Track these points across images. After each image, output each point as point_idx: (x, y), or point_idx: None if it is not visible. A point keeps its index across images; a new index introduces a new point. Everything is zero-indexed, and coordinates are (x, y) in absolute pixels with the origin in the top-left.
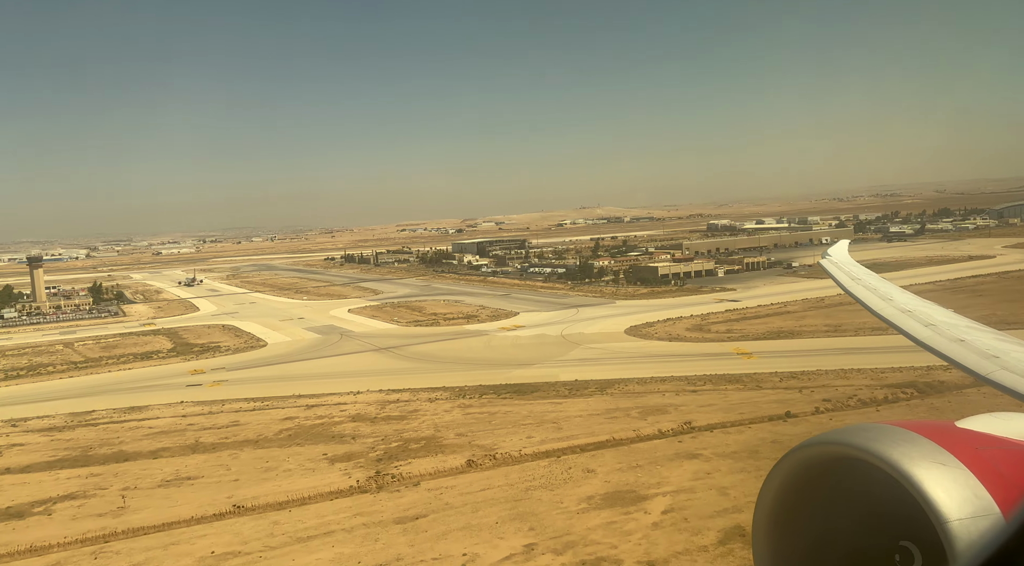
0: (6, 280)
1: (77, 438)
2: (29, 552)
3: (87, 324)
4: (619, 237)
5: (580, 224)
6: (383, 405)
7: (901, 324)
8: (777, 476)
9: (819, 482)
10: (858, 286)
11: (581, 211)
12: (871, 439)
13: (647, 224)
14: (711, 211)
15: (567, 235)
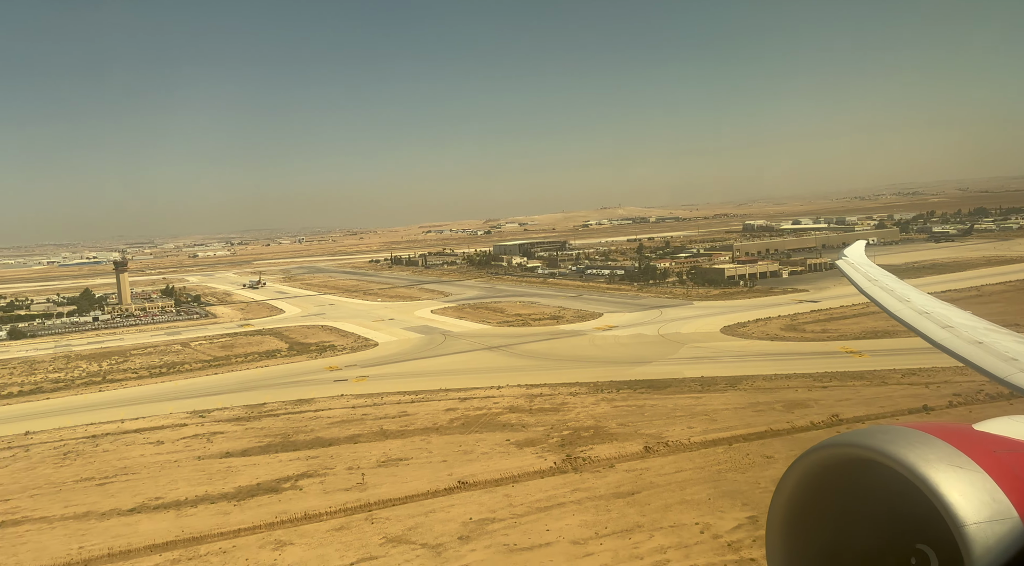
0: (61, 284)
1: (268, 427)
2: (307, 519)
3: (183, 325)
4: (655, 238)
5: (605, 225)
6: (530, 398)
7: (918, 326)
8: (792, 478)
9: (834, 484)
10: (875, 287)
11: (603, 211)
12: (887, 441)
13: (673, 224)
14: (731, 210)
15: (596, 236)
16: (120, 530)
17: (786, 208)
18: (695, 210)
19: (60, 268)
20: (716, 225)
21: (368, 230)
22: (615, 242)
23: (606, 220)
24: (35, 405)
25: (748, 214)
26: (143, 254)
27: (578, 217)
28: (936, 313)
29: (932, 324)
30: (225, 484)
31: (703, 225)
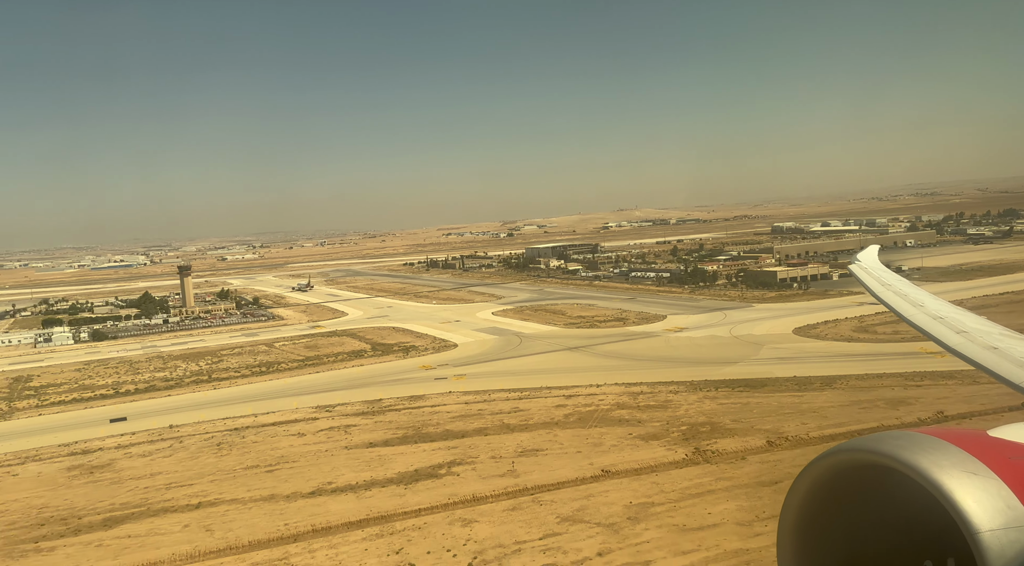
0: (105, 287)
1: (395, 420)
2: (477, 500)
3: (254, 327)
4: (684, 240)
5: (626, 227)
6: (633, 396)
7: (932, 331)
8: (804, 483)
9: (847, 490)
10: (888, 292)
11: (620, 213)
12: (900, 447)
13: (695, 226)
14: (746, 211)
15: (620, 238)
16: (312, 510)
17: (804, 209)
18: (711, 212)
19: (94, 271)
20: (739, 227)
21: (386, 233)
22: (644, 244)
23: (625, 222)
24: (161, 401)
25: (768, 215)
26: (169, 257)
27: (596, 219)
28: (950, 318)
29: (946, 329)
30: (385, 471)
31: (725, 227)
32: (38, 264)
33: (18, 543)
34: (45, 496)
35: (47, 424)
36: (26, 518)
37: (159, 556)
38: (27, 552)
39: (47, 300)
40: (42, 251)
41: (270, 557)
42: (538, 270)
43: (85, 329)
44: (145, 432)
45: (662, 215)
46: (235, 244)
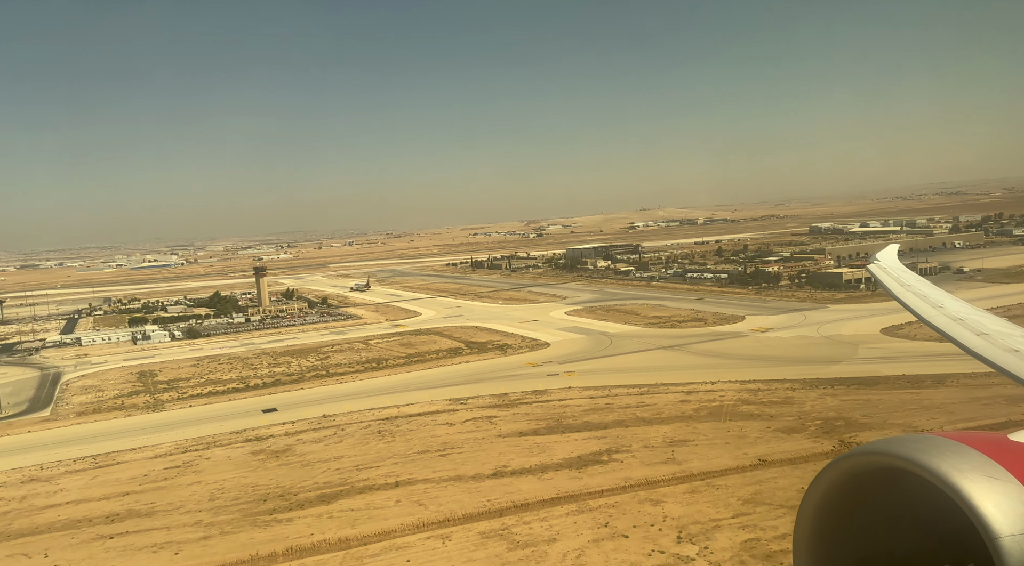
0: (155, 287)
1: (530, 412)
2: (651, 484)
3: (337, 326)
4: (723, 240)
5: (653, 227)
6: (753, 392)
7: (952, 332)
8: (821, 486)
9: (864, 493)
10: (907, 293)
11: (643, 213)
12: (919, 450)
13: (723, 226)
14: (769, 211)
15: (649, 238)
16: (504, 489)
17: (830, 209)
18: (734, 211)
19: (134, 271)
20: (771, 227)
21: (411, 232)
22: (681, 244)
23: (652, 222)
24: (298, 394)
25: (795, 215)
26: (201, 256)
27: (619, 219)
28: (971, 320)
29: (967, 331)
30: (548, 457)
31: (756, 227)
32: (72, 263)
33: (253, 515)
34: (249, 476)
35: (203, 414)
36: (246, 494)
37: (389, 526)
38: (268, 522)
39: (109, 299)
40: (67, 250)
41: (490, 527)
42: (586, 270)
43: (174, 327)
44: (304, 421)
45: (686, 215)
46: (258, 244)
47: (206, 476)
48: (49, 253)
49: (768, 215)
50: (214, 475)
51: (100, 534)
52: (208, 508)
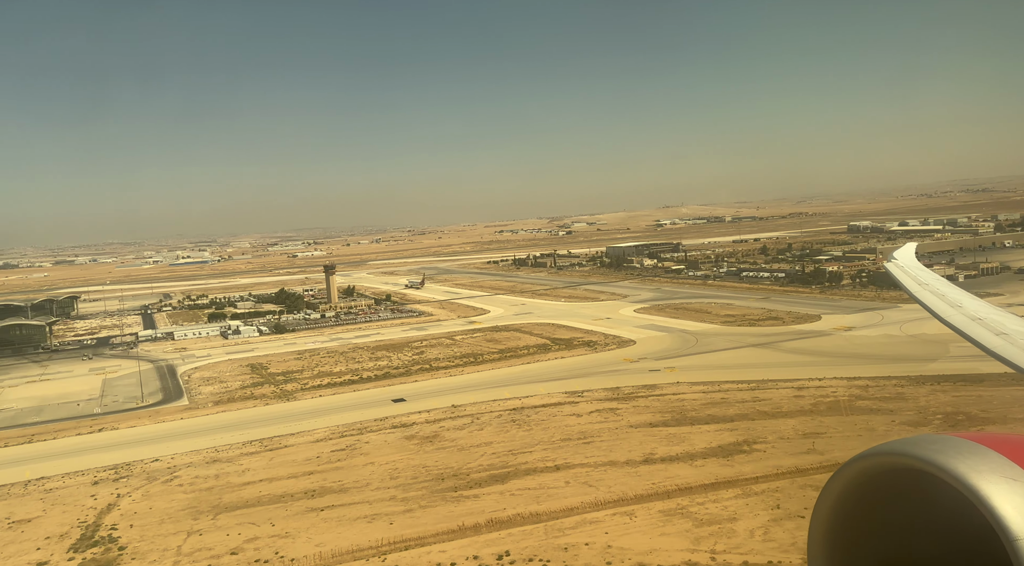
0: (206, 284)
1: (650, 405)
2: (800, 472)
3: (414, 322)
4: (763, 239)
5: (679, 224)
6: (863, 388)
7: (970, 332)
8: (835, 487)
9: (880, 494)
10: (925, 291)
11: (665, 210)
12: (937, 451)
13: (752, 224)
14: (791, 208)
15: (677, 236)
16: (663, 474)
17: (857, 207)
18: (758, 208)
19: (174, 267)
20: (802, 224)
21: (434, 229)
22: (719, 243)
23: (678, 220)
24: (416, 386)
25: (824, 212)
26: (238, 254)
27: (642, 216)
28: (990, 319)
29: (985, 330)
30: (689, 446)
31: (786, 225)
32: (106, 259)
33: (439, 492)
34: (414, 458)
35: (337, 403)
36: (421, 474)
37: (570, 503)
38: (457, 499)
39: (168, 295)
40: (91, 246)
41: (667, 507)
42: (633, 269)
43: (255, 322)
44: (436, 411)
45: (710, 212)
46: (281, 240)
47: (375, 458)
48: (74, 249)
49: (794, 212)
50: (381, 457)
51: (309, 507)
52: (393, 486)
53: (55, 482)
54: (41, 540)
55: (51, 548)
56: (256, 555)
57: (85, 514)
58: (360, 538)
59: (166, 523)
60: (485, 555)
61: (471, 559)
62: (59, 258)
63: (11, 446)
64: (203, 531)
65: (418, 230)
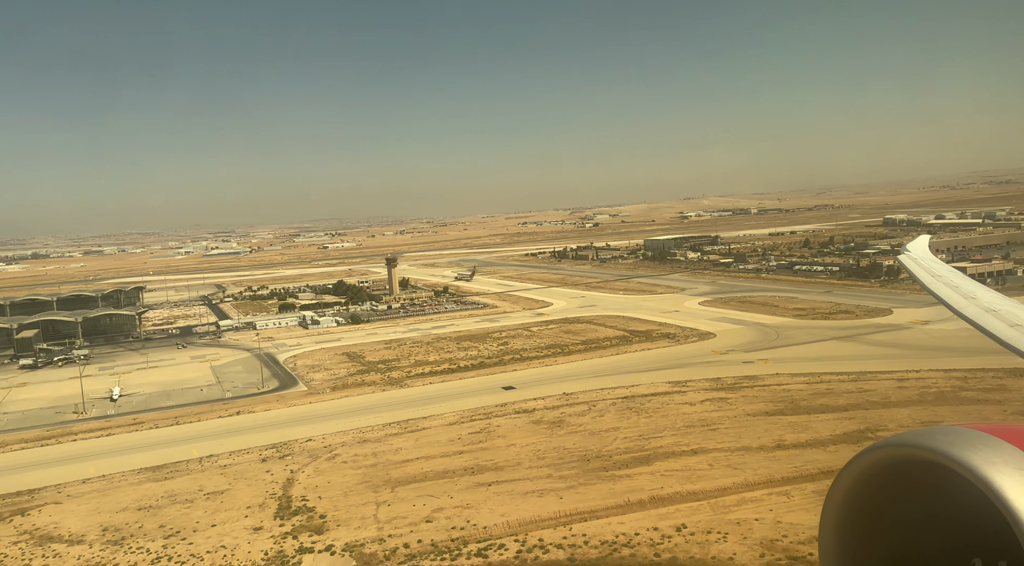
0: (251, 275)
1: (759, 394)
2: None
3: (481, 314)
4: (799, 232)
5: (704, 217)
6: (963, 380)
7: (984, 323)
8: (847, 478)
9: (892, 486)
10: (939, 283)
11: (687, 202)
12: (950, 443)
13: (778, 217)
14: (811, 200)
15: (711, 229)
16: (801, 458)
17: (882, 199)
18: (779, 200)
19: (209, 258)
20: (832, 217)
21: (454, 221)
22: (754, 235)
23: (702, 212)
24: (517, 375)
25: (851, 204)
26: (265, 245)
27: (663, 208)
28: (1004, 311)
29: (999, 322)
30: (814, 433)
31: (814, 217)
32: (134, 250)
33: (591, 471)
34: (551, 441)
35: (448, 390)
36: (566, 456)
37: (723, 483)
38: (611, 478)
39: (221, 286)
40: (111, 236)
41: (820, 487)
42: (677, 262)
43: (328, 312)
44: (550, 398)
45: (733, 204)
46: (300, 231)
47: (513, 440)
48: (96, 239)
49: (819, 205)
50: (519, 439)
51: (476, 482)
52: (543, 465)
53: (225, 459)
54: (243, 509)
55: (258, 516)
56: (449, 523)
57: (269, 487)
58: (537, 510)
59: (350, 495)
60: (664, 527)
61: (652, 530)
62: (86, 248)
63: (162, 427)
64: (389, 502)
65: (438, 221)
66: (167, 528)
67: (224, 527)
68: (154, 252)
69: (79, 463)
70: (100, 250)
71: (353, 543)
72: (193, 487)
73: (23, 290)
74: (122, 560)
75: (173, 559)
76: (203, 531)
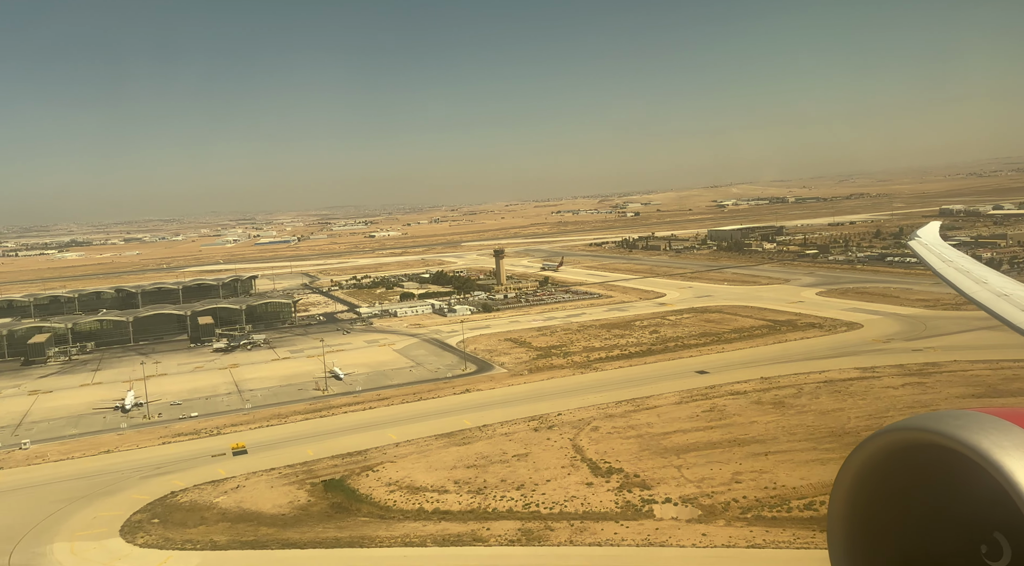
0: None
1: (953, 380)
2: None
3: (602, 304)
4: (857, 222)
5: (742, 206)
6: None
7: (996, 308)
8: (855, 463)
9: (900, 470)
10: (950, 268)
11: (714, 190)
12: (959, 426)
13: (819, 206)
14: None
15: (747, 219)
16: None
17: (909, 187)
18: (804, 187)
19: (261, 247)
20: (877, 208)
21: (481, 208)
22: (813, 225)
23: (739, 201)
24: (701, 360)
25: (887, 193)
26: (311, 235)
27: (693, 196)
28: (1016, 295)
29: (1012, 307)
30: None
31: (862, 207)
32: (174, 238)
33: (849, 446)
34: (787, 420)
35: (645, 373)
36: (812, 432)
37: None
38: None
39: (308, 274)
40: (131, 223)
41: None
42: (754, 252)
43: (452, 300)
44: (751, 381)
45: (757, 192)
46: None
47: (751, 417)
48: (116, 225)
49: (855, 193)
50: (756, 417)
51: (750, 452)
52: (800, 439)
53: (501, 428)
54: (558, 468)
55: (579, 474)
56: (757, 483)
57: (565, 452)
58: (832, 474)
59: (643, 460)
60: None
61: None
62: (116, 236)
63: (411, 402)
64: (684, 466)
65: (465, 210)
66: (509, 482)
67: (557, 482)
68: (201, 239)
69: (376, 430)
70: (139, 238)
71: (686, 497)
72: (496, 450)
73: (110, 278)
74: (496, 505)
75: (542, 504)
76: (543, 485)
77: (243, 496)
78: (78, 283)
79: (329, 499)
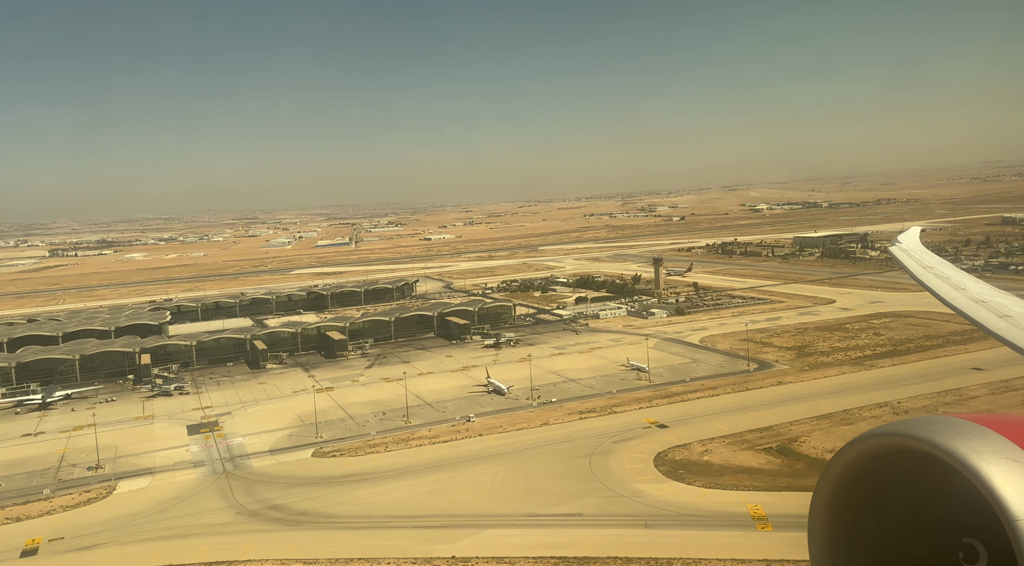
0: (403, 267)
1: None
2: None
3: (786, 309)
4: (928, 229)
5: (777, 210)
6: None
7: (974, 314)
8: (836, 468)
9: (881, 475)
10: (929, 274)
11: (732, 193)
12: (937, 432)
13: (851, 211)
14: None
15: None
16: None
17: (930, 192)
18: (812, 191)
19: (321, 249)
20: (924, 215)
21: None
22: (881, 232)
23: (775, 205)
24: (966, 358)
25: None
26: (372, 232)
27: (713, 199)
28: (993, 302)
29: (989, 313)
30: None
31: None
32: (216, 238)
33: None
34: None
35: (918, 371)
36: None
37: None
38: None
39: (430, 277)
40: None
41: None
42: (858, 259)
43: (622, 302)
44: None
45: (776, 196)
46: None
47: None
48: (116, 224)
49: (883, 199)
50: None
51: None
52: None
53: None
54: None
55: None
56: None
57: None
58: None
59: None
60: None
61: None
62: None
63: (754, 389)
64: None
65: (491, 211)
66: None
67: None
68: (245, 240)
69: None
70: (176, 238)
71: None
72: None
73: (227, 280)
74: None
75: None
76: None
77: (724, 457)
78: (206, 285)
79: (787, 463)
